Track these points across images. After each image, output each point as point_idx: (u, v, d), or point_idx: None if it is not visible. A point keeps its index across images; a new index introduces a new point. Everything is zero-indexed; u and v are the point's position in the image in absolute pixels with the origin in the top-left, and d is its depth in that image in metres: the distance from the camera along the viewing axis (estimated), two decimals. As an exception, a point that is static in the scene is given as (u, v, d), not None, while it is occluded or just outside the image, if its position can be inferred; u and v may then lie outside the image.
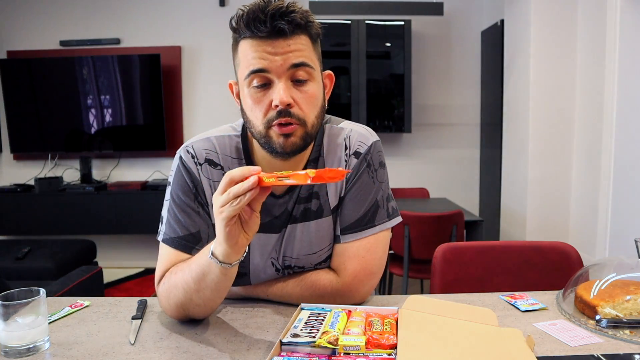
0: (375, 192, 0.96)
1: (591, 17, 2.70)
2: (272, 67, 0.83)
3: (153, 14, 3.87)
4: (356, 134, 0.98)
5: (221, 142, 0.97)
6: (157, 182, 3.73)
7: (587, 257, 2.55)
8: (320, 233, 0.97)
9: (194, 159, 0.95)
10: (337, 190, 0.97)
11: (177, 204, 0.94)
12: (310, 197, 0.96)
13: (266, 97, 0.85)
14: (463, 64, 3.99)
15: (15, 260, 2.80)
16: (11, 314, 0.78)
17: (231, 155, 0.96)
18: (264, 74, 0.84)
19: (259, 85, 0.85)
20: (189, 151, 0.96)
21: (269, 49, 0.83)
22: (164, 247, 0.94)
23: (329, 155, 0.97)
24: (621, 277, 0.94)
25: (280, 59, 0.83)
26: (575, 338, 0.82)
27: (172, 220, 0.94)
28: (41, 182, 3.63)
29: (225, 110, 3.81)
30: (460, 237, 2.51)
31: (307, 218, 0.97)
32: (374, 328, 0.80)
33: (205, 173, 0.95)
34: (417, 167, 3.99)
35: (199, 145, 0.96)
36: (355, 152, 0.96)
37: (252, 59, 0.84)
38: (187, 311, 0.88)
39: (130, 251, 4.03)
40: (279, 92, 0.83)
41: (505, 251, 1.38)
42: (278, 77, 0.84)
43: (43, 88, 3.76)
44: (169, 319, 0.93)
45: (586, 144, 2.79)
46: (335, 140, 0.97)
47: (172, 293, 0.87)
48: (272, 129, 0.85)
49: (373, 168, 0.97)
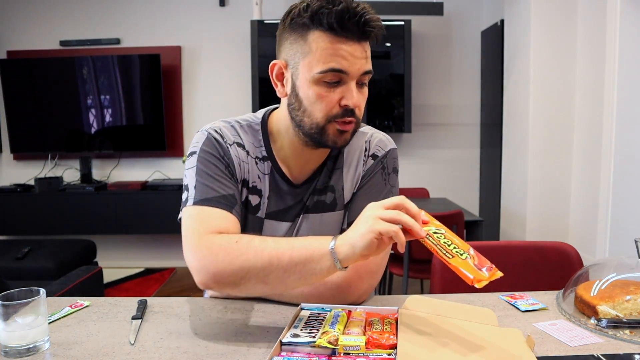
0: (385, 194, 0.98)
1: (591, 17, 2.70)
2: (351, 70, 0.85)
3: (153, 14, 3.87)
4: (376, 138, 1.03)
5: (241, 128, 0.98)
6: (157, 182, 3.73)
7: (587, 257, 2.55)
8: (330, 226, 0.99)
9: (223, 139, 0.95)
10: (352, 187, 1.00)
11: (208, 168, 0.91)
12: (325, 190, 0.98)
13: (334, 93, 0.87)
14: (463, 64, 3.99)
15: (15, 260, 2.79)
16: (11, 314, 0.78)
17: (253, 143, 0.98)
18: (342, 74, 0.85)
19: (332, 82, 0.86)
20: (217, 131, 0.95)
21: (351, 50, 0.84)
22: (198, 208, 0.88)
23: (349, 154, 1.01)
24: (621, 277, 0.94)
25: (359, 64, 0.85)
26: (575, 338, 0.82)
27: (206, 183, 0.90)
28: (41, 182, 3.63)
29: (225, 110, 3.81)
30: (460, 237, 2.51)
31: (320, 210, 0.98)
32: (374, 328, 0.80)
33: (234, 152, 0.95)
34: (417, 167, 3.99)
35: (225, 129, 0.96)
36: (373, 155, 1.01)
37: (334, 56, 0.84)
38: (245, 280, 0.80)
39: (130, 251, 4.03)
40: (353, 94, 0.86)
41: (505, 251, 1.38)
42: (351, 79, 0.86)
43: (43, 88, 3.75)
44: (169, 319, 0.93)
45: (586, 144, 2.79)
46: (357, 142, 1.01)
47: (244, 255, 0.79)
48: (331, 124, 0.88)
49: (387, 171, 1.00)
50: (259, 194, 0.96)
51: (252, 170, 0.96)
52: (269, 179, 0.97)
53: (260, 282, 0.80)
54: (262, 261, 0.79)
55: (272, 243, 0.81)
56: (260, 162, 0.97)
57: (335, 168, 1.00)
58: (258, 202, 0.97)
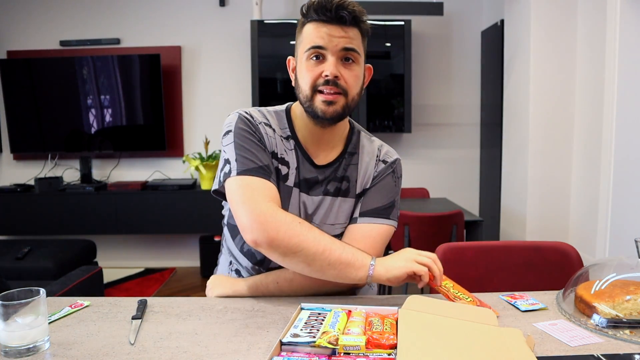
0: (394, 194, 1.14)
1: (591, 17, 2.70)
2: (328, 46, 1.01)
3: (153, 14, 3.87)
4: (386, 148, 1.20)
5: (270, 113, 1.13)
6: (157, 182, 3.73)
7: (587, 257, 2.55)
8: (343, 211, 1.12)
9: (253, 118, 1.09)
10: (362, 183, 1.14)
11: (245, 142, 1.04)
12: (343, 178, 1.13)
13: (318, 68, 1.03)
14: (463, 64, 3.99)
15: (15, 260, 2.79)
16: (11, 314, 0.78)
17: (279, 124, 1.12)
18: (321, 50, 1.02)
19: (315, 57, 1.02)
20: (247, 112, 1.10)
21: (329, 31, 1.01)
22: (243, 178, 1.00)
23: (364, 154, 1.16)
24: (621, 277, 0.94)
25: (336, 41, 1.01)
26: (575, 338, 0.82)
27: (245, 155, 1.03)
28: (41, 182, 3.63)
29: (225, 110, 3.79)
30: (460, 237, 2.51)
31: (338, 194, 1.12)
32: (374, 328, 0.80)
33: (262, 130, 1.08)
34: (417, 167, 3.99)
35: (253, 112, 1.11)
36: (383, 160, 1.16)
37: (314, 37, 1.02)
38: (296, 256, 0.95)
39: (130, 251, 4.03)
40: (330, 65, 1.01)
41: (505, 251, 1.38)
42: (331, 54, 1.02)
43: (43, 88, 3.75)
44: (169, 319, 0.93)
45: (586, 144, 2.79)
46: (370, 147, 1.18)
47: (304, 236, 0.94)
48: (317, 95, 1.03)
49: (396, 176, 1.16)
50: (287, 165, 1.10)
51: (279, 145, 1.10)
52: (295, 154, 1.11)
53: (305, 263, 0.95)
54: (316, 248, 0.94)
55: (329, 238, 0.97)
56: (285, 140, 1.11)
57: (352, 163, 1.15)
58: (287, 172, 1.10)
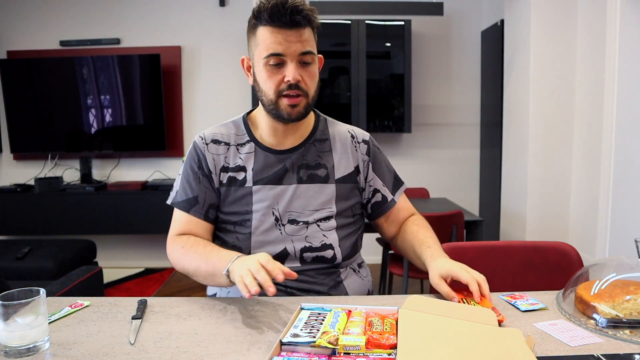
0: (388, 162, 1.29)
1: (591, 17, 2.70)
2: (287, 52, 1.05)
3: (153, 14, 3.87)
4: (357, 130, 1.27)
5: (225, 126, 1.22)
6: (157, 182, 3.73)
7: (587, 257, 2.55)
8: (326, 196, 1.17)
9: (203, 140, 1.19)
10: (344, 166, 1.20)
11: (184, 174, 1.19)
12: (318, 166, 1.19)
13: (279, 73, 1.07)
14: (463, 64, 3.99)
15: (15, 260, 2.79)
16: (11, 314, 0.78)
17: (236, 132, 1.20)
18: (281, 56, 1.06)
19: (275, 64, 1.06)
20: (201, 136, 1.20)
21: (286, 37, 1.05)
22: (175, 209, 1.20)
23: (336, 140, 1.22)
24: (621, 277, 0.94)
25: (294, 47, 1.05)
26: (575, 338, 0.82)
27: (183, 186, 1.19)
28: (41, 182, 3.62)
29: (225, 110, 3.81)
30: (460, 237, 2.51)
31: (315, 181, 1.17)
32: (374, 328, 0.80)
33: (210, 150, 1.17)
34: (417, 167, 3.99)
35: (209, 130, 1.21)
36: (363, 140, 1.25)
37: (272, 44, 1.05)
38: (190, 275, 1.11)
39: (130, 251, 4.03)
40: (292, 71, 1.06)
41: (505, 251, 1.38)
42: (291, 60, 1.06)
43: (43, 88, 3.75)
44: (169, 319, 0.94)
45: (586, 144, 2.79)
46: (341, 132, 1.24)
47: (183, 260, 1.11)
48: (281, 99, 1.09)
49: (380, 150, 1.28)
50: (243, 169, 1.17)
51: (233, 155, 1.18)
52: (254, 156, 1.17)
53: (193, 278, 1.10)
54: (191, 267, 1.09)
55: (200, 256, 1.07)
56: (241, 146, 1.18)
57: (324, 150, 1.21)
58: (243, 176, 1.16)
